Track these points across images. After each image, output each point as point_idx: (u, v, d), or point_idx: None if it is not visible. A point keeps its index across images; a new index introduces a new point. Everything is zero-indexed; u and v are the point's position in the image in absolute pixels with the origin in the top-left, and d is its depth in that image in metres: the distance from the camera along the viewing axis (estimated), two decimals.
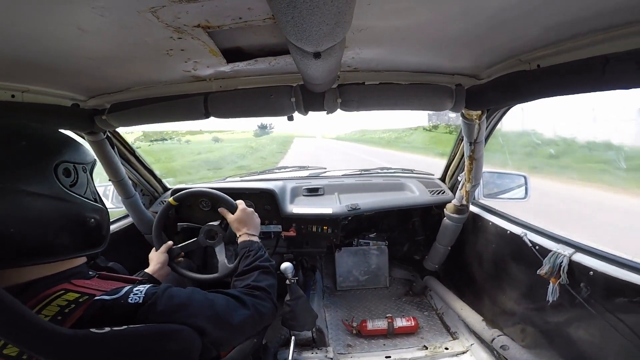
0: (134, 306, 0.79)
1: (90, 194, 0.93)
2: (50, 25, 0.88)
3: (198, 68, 1.42)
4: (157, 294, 0.84)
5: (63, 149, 0.86)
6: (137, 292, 0.83)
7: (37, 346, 0.58)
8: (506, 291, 1.98)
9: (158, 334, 0.77)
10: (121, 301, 0.79)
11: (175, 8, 0.83)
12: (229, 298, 1.03)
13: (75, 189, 0.86)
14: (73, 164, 0.87)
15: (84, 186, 0.90)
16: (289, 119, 1.70)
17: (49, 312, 0.72)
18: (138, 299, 0.81)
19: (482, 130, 1.87)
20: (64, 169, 0.83)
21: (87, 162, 0.93)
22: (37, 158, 0.79)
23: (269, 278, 1.28)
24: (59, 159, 0.83)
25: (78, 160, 0.89)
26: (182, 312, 0.85)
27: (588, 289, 1.39)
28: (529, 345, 1.77)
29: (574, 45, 1.08)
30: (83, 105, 1.74)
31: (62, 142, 0.90)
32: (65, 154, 0.85)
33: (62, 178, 0.82)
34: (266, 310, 1.12)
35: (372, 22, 1.01)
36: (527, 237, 1.76)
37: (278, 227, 2.52)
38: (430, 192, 2.65)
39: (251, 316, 1.04)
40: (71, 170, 0.86)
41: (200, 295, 0.95)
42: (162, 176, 2.82)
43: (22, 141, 0.78)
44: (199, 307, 0.90)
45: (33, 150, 0.79)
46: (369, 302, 2.89)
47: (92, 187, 0.95)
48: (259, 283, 1.21)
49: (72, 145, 0.91)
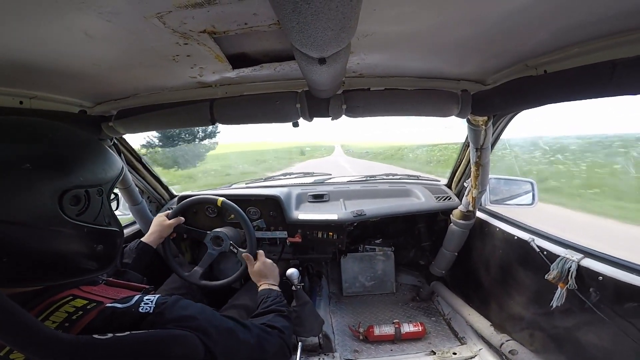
0: (144, 315, 0.80)
1: (103, 218, 0.86)
2: (57, 31, 0.88)
3: (204, 74, 1.42)
4: (167, 304, 0.85)
5: (76, 172, 0.78)
6: (147, 302, 0.83)
7: (39, 352, 0.58)
8: (514, 296, 1.96)
9: (161, 340, 0.77)
10: (132, 310, 0.80)
11: (181, 14, 0.84)
12: (237, 324, 1.03)
13: (83, 218, 0.79)
14: (85, 188, 0.79)
15: (95, 212, 0.83)
16: (294, 125, 1.70)
17: (57, 319, 0.72)
18: (149, 309, 0.81)
19: (489, 136, 1.86)
20: (72, 196, 0.76)
21: (105, 182, 0.86)
22: (40, 186, 0.71)
23: (284, 321, 1.30)
24: (68, 185, 0.75)
25: (93, 182, 0.82)
26: (189, 322, 0.85)
27: (598, 293, 1.38)
28: (538, 350, 1.75)
29: (581, 51, 1.07)
30: (90, 112, 1.75)
31: (77, 159, 0.81)
32: (77, 178, 0.77)
33: (68, 207, 0.75)
34: (270, 348, 1.10)
35: (377, 27, 1.01)
36: (535, 242, 1.74)
37: (284, 233, 2.52)
38: (437, 198, 2.64)
39: (251, 346, 1.03)
40: (81, 197, 0.78)
41: (209, 311, 0.95)
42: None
43: (25, 163, 0.69)
44: (205, 320, 0.90)
45: (37, 175, 0.71)
46: (375, 308, 2.88)
47: (106, 210, 0.88)
48: (273, 323, 1.22)
49: (90, 163, 0.84)
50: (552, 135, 18.03)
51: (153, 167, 2.57)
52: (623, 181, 11.13)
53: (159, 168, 13.51)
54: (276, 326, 1.19)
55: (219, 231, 2.07)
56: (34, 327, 0.59)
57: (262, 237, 2.53)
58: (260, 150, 51.79)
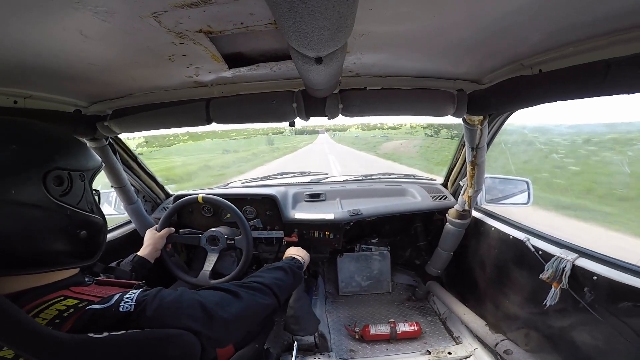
0: (126, 314, 0.78)
1: (86, 204, 0.88)
2: (52, 30, 0.88)
3: (200, 73, 1.42)
4: (147, 300, 0.83)
5: (59, 154, 0.82)
6: (127, 300, 0.81)
7: (32, 350, 0.58)
8: (509, 296, 1.97)
9: (157, 339, 0.76)
10: (112, 310, 0.78)
11: (177, 13, 0.84)
12: (222, 293, 1.01)
13: (66, 199, 0.81)
14: (68, 171, 0.83)
15: (78, 196, 0.86)
16: (290, 124, 1.70)
17: (47, 316, 0.71)
18: (129, 307, 0.79)
19: (484, 135, 1.87)
20: (55, 176, 0.79)
21: (86, 169, 0.89)
22: (25, 164, 0.74)
23: (279, 274, 1.29)
24: (51, 166, 0.78)
25: (75, 167, 0.85)
26: (171, 316, 0.83)
27: (592, 293, 1.38)
28: (533, 350, 1.75)
29: (576, 50, 1.07)
30: (85, 112, 1.74)
31: (60, 145, 0.85)
32: (60, 160, 0.81)
33: (52, 187, 0.78)
34: (263, 301, 1.10)
35: (373, 27, 1.01)
36: (530, 242, 1.75)
37: (280, 233, 2.52)
38: (433, 198, 2.64)
39: (247, 307, 1.02)
40: (64, 178, 0.82)
41: (189, 296, 0.92)
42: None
43: (12, 144, 0.74)
44: (188, 309, 0.87)
45: (22, 155, 0.75)
46: (371, 308, 2.89)
47: (89, 196, 0.90)
48: (261, 279, 1.19)
49: (71, 150, 0.87)
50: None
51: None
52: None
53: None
54: (263, 281, 1.17)
55: (213, 231, 2.07)
56: (29, 325, 0.58)
57: (259, 236, 2.53)
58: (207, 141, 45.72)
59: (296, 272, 1.40)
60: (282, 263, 1.43)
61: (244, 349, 1.51)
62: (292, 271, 1.38)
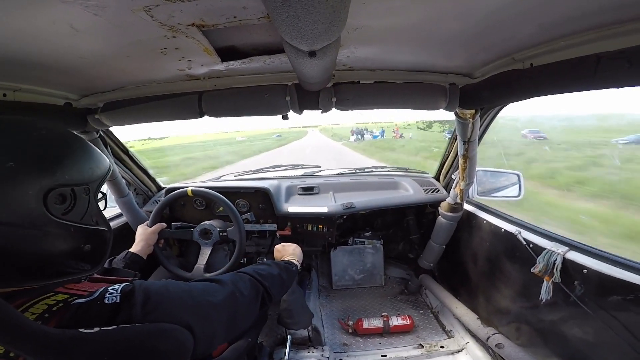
0: (112, 306, 0.75)
1: (91, 218, 0.84)
2: (43, 23, 0.87)
3: (192, 67, 1.41)
4: (134, 289, 0.80)
5: (62, 169, 0.76)
6: (112, 292, 0.78)
7: (21, 344, 0.57)
8: (501, 289, 1.99)
9: (148, 334, 0.74)
10: (97, 302, 0.75)
11: (169, 7, 0.83)
12: (207, 282, 1.02)
13: (69, 217, 0.77)
14: (71, 187, 0.77)
15: (82, 212, 0.81)
16: (283, 117, 1.70)
17: (36, 310, 0.70)
18: (115, 299, 0.76)
19: (476, 129, 1.88)
20: (58, 194, 0.74)
21: (91, 181, 0.84)
22: (24, 183, 0.69)
23: (266, 267, 1.29)
24: (53, 184, 0.73)
25: (79, 181, 0.80)
26: (160, 308, 0.81)
27: (582, 287, 1.40)
28: (524, 344, 1.77)
29: (566, 44, 1.08)
30: (76, 104, 1.72)
31: (63, 156, 0.78)
32: (63, 176, 0.75)
33: (54, 206, 0.73)
34: (247, 292, 1.08)
35: (367, 21, 1.01)
36: (521, 235, 1.77)
37: (273, 226, 2.52)
38: (425, 191, 2.66)
39: (232, 292, 1.01)
40: (67, 195, 0.77)
41: (175, 286, 0.91)
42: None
43: (8, 161, 0.67)
44: (176, 299, 0.86)
45: (21, 173, 0.69)
46: (364, 301, 2.91)
47: (93, 208, 0.86)
48: (247, 270, 1.20)
49: (76, 161, 0.81)
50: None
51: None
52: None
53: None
54: (248, 272, 1.17)
55: (205, 224, 2.07)
56: (18, 321, 0.58)
57: (252, 229, 2.53)
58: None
59: (290, 270, 1.42)
60: (280, 262, 1.44)
61: (237, 342, 1.51)
62: (286, 269, 1.39)
